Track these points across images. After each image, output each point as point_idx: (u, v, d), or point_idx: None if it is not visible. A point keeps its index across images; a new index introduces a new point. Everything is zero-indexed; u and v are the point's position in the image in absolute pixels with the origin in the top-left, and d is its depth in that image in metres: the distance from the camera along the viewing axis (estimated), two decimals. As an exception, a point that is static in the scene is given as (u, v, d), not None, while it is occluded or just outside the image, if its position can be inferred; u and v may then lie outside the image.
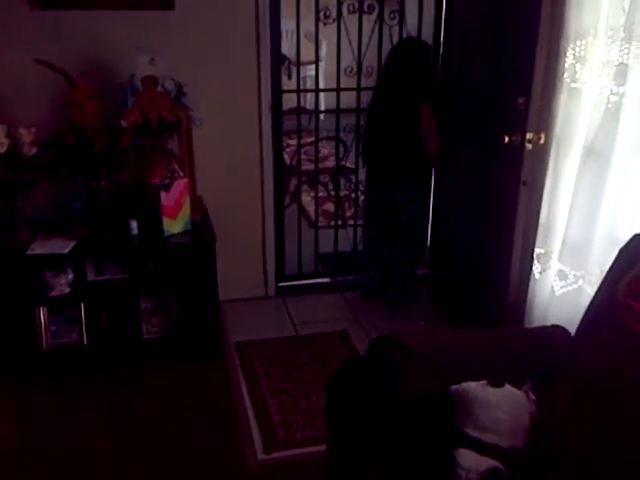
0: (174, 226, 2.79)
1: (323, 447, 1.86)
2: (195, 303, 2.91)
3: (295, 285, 3.62)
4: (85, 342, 2.88)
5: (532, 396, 1.59)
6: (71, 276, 2.80)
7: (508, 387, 1.59)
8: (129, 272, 2.89)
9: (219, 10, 2.95)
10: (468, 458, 1.48)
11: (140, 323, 2.94)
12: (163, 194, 2.71)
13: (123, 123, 2.65)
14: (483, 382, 1.59)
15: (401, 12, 3.39)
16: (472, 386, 1.59)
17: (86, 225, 2.80)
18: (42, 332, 2.82)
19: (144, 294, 2.93)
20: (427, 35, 3.44)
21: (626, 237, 1.78)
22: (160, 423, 2.51)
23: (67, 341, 2.86)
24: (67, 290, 2.79)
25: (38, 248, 2.68)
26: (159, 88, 2.71)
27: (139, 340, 2.94)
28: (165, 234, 2.76)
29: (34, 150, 2.62)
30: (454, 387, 1.62)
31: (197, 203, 2.96)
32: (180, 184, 2.76)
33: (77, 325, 2.86)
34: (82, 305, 2.86)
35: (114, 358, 2.89)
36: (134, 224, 2.76)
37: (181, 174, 2.79)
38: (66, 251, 2.67)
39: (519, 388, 1.61)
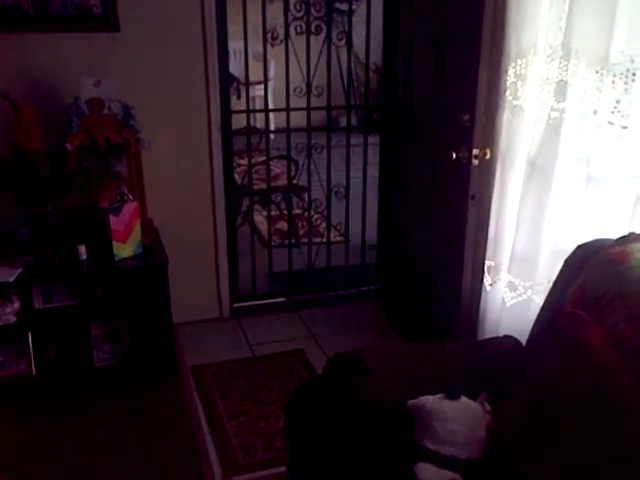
0: (124, 250, 2.74)
1: (283, 469, 1.85)
2: (148, 328, 2.85)
3: (250, 305, 3.59)
4: (34, 372, 2.79)
5: (487, 407, 1.62)
6: (17, 305, 2.71)
7: (464, 399, 1.61)
8: (78, 299, 2.82)
9: (166, 31, 2.94)
10: (427, 472, 1.48)
11: (91, 351, 2.86)
12: (112, 218, 2.67)
13: (68, 147, 2.60)
14: (440, 395, 1.61)
15: (349, 33, 3.44)
16: (429, 399, 1.60)
17: (32, 252, 2.72)
18: (-12, 364, 2.73)
19: (94, 321, 2.86)
20: (375, 55, 3.50)
21: (570, 248, 1.83)
22: (115, 451, 2.44)
23: (15, 372, 2.77)
24: (13, 319, 2.69)
25: (-18, 277, 2.59)
26: (105, 110, 2.68)
27: (90, 368, 2.86)
28: (115, 258, 2.71)
29: (-25, 176, 2.55)
30: (411, 401, 1.63)
31: (148, 226, 2.92)
32: (130, 207, 2.72)
33: (25, 355, 2.77)
34: (29, 334, 2.76)
35: (65, 388, 2.80)
36: (83, 249, 2.71)
37: (130, 197, 2.75)
38: (12, 279, 2.59)
39: (475, 399, 1.63)
